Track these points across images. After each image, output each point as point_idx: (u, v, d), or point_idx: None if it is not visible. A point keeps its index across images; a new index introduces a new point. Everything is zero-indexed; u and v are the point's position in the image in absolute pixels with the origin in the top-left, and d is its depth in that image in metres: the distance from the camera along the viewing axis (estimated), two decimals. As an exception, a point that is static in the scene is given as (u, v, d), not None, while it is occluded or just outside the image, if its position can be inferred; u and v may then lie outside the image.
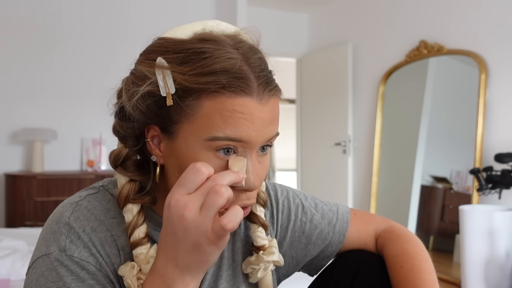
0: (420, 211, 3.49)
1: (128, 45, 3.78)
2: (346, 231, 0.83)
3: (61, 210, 0.66)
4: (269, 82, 0.61)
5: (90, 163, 3.73)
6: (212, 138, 0.58)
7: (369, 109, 4.01)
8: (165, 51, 0.60)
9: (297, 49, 4.80)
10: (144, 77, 0.60)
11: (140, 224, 0.65)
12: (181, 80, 0.58)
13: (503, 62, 2.96)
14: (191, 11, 4.05)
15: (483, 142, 3.00)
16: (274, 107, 0.62)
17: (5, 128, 3.56)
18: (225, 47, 0.60)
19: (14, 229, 2.64)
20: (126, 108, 0.62)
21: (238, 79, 0.58)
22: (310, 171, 4.70)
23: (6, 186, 3.40)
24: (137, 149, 0.66)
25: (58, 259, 0.61)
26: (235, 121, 0.58)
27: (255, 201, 0.64)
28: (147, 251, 0.65)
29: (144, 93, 0.59)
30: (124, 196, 0.65)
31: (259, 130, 0.59)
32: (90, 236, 0.64)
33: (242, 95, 0.58)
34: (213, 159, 0.59)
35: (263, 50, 0.65)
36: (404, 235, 0.80)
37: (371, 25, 4.01)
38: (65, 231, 0.63)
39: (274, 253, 0.75)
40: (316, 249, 0.82)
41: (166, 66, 0.58)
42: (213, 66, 0.57)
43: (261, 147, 0.62)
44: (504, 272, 2.50)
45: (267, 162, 0.65)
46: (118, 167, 0.66)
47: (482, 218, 2.51)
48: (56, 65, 3.70)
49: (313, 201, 0.84)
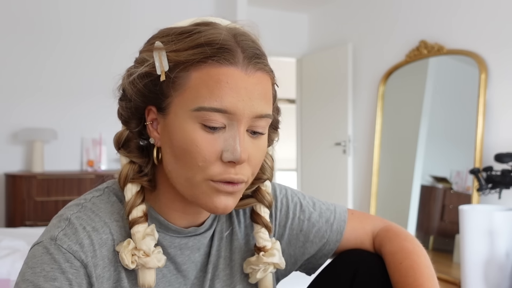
0: (420, 211, 3.49)
1: (129, 45, 3.77)
2: (344, 229, 0.83)
3: (66, 210, 0.67)
4: (256, 57, 0.62)
5: (90, 163, 3.73)
6: (198, 108, 0.60)
7: (369, 109, 4.01)
8: (163, 35, 0.65)
9: (297, 49, 4.80)
10: (143, 60, 0.64)
11: (138, 203, 0.67)
12: (172, 56, 0.61)
13: (503, 62, 2.96)
14: (191, 11, 4.05)
15: (483, 142, 3.00)
16: (262, 82, 0.63)
17: (5, 128, 3.56)
18: (216, 27, 0.63)
19: (14, 229, 2.64)
20: (126, 89, 0.66)
21: (223, 49, 0.60)
22: (310, 171, 4.70)
23: (6, 186, 3.40)
24: (138, 132, 0.68)
25: (46, 246, 0.62)
26: (220, 90, 0.59)
27: (246, 179, 0.64)
28: (144, 230, 0.66)
29: (142, 74, 0.63)
30: (124, 175, 0.67)
31: (244, 101, 0.60)
32: (89, 234, 0.64)
33: (226, 65, 0.60)
34: (200, 132, 0.61)
35: (263, 46, 0.66)
36: (401, 233, 0.81)
37: (371, 25, 4.01)
38: (63, 225, 0.64)
39: (274, 255, 0.74)
40: (314, 248, 0.82)
41: (162, 47, 0.62)
42: (199, 40, 0.61)
43: (251, 131, 0.63)
44: (504, 272, 2.50)
45: (262, 145, 0.65)
46: (120, 148, 0.69)
47: (482, 218, 2.51)
48: (56, 65, 3.70)
49: (311, 200, 0.85)
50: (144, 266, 0.65)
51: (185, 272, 0.73)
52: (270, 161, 0.76)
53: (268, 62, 0.65)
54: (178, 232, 0.70)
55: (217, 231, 0.76)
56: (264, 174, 0.74)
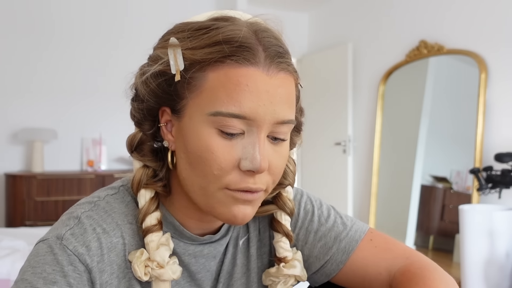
0: (420, 211, 3.49)
1: (129, 46, 3.78)
2: (353, 250, 0.70)
3: (77, 207, 0.63)
4: (279, 56, 0.57)
5: (90, 163, 3.73)
6: (215, 113, 0.55)
7: (369, 109, 4.01)
8: (178, 31, 0.60)
9: (297, 49, 4.80)
10: (157, 58, 0.59)
11: (152, 210, 0.62)
12: (188, 54, 0.56)
13: (503, 62, 2.96)
14: (192, 10, 4.05)
15: (483, 142, 3.00)
16: (285, 84, 0.57)
17: (5, 128, 3.56)
18: (235, 23, 0.58)
19: (14, 229, 2.64)
20: (139, 88, 0.61)
21: (243, 48, 0.55)
22: (310, 171, 4.70)
23: (6, 186, 3.40)
24: (152, 134, 0.63)
25: (50, 245, 0.58)
26: (239, 94, 0.54)
27: (264, 188, 0.59)
28: (158, 239, 0.61)
29: (155, 72, 0.58)
30: (137, 181, 0.63)
31: (266, 106, 0.55)
32: (99, 237, 0.60)
33: (246, 65, 0.54)
34: (216, 137, 0.56)
35: (286, 41, 0.61)
36: (429, 274, 0.64)
37: (371, 25, 4.01)
38: (72, 224, 0.60)
39: (296, 266, 0.69)
40: (317, 265, 0.72)
41: (177, 44, 0.57)
42: (217, 37, 0.55)
43: (272, 137, 0.58)
44: (504, 272, 2.50)
45: (284, 152, 0.60)
46: (133, 152, 0.64)
47: (482, 218, 2.51)
48: (56, 65, 3.70)
49: (327, 210, 0.75)
50: (158, 279, 0.61)
51: (200, 281, 0.69)
52: (293, 165, 0.70)
53: (292, 61, 0.60)
54: (193, 239, 0.66)
55: (233, 238, 0.72)
56: (285, 179, 0.69)
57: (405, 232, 3.52)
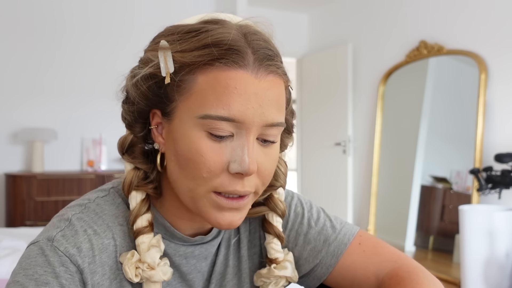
0: (420, 211, 3.49)
1: (129, 45, 3.78)
2: (342, 254, 0.71)
3: (67, 210, 0.64)
4: (268, 58, 0.57)
5: (90, 163, 3.73)
6: (204, 116, 0.55)
7: (369, 109, 4.01)
8: (169, 34, 0.60)
9: (297, 49, 4.80)
10: (148, 60, 0.60)
11: (143, 212, 0.63)
12: (178, 57, 0.57)
13: (503, 62, 2.96)
14: (191, 10, 4.05)
15: (483, 142, 3.00)
16: (274, 87, 0.58)
17: (5, 128, 3.56)
18: (225, 26, 0.59)
19: (14, 229, 2.64)
20: (129, 91, 0.61)
21: (232, 51, 0.55)
22: (310, 171, 4.70)
23: (6, 186, 3.41)
24: (143, 137, 0.64)
25: (41, 247, 0.58)
26: (228, 97, 0.55)
27: (252, 191, 0.59)
28: (149, 240, 0.62)
29: (146, 75, 0.59)
30: (128, 183, 0.63)
31: (254, 109, 0.55)
32: (90, 238, 0.60)
33: (235, 68, 0.55)
34: (205, 140, 0.56)
35: (276, 44, 0.62)
36: (416, 277, 0.65)
37: (371, 25, 4.01)
38: (63, 225, 0.60)
39: (287, 268, 0.70)
40: (306, 267, 0.73)
41: (167, 47, 0.57)
42: (206, 40, 0.56)
43: (261, 139, 0.59)
44: (504, 272, 2.50)
45: (273, 154, 0.61)
46: (124, 154, 0.65)
47: (482, 218, 2.51)
48: (57, 65, 3.70)
49: (317, 213, 0.76)
50: (149, 280, 0.61)
51: (191, 282, 0.69)
52: (284, 167, 0.70)
53: (282, 64, 0.60)
54: (184, 240, 0.67)
55: (225, 239, 0.72)
56: (277, 181, 0.69)
57: (405, 232, 3.52)
